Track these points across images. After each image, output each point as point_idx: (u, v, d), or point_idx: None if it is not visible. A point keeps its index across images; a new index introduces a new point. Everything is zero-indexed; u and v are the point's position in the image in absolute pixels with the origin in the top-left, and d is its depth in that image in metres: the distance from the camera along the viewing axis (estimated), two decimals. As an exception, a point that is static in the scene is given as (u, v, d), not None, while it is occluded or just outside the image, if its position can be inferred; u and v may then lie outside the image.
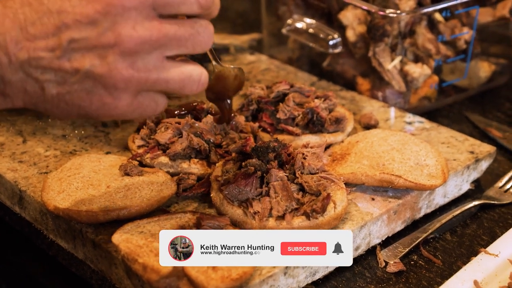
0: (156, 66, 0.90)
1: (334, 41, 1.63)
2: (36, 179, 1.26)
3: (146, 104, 0.92)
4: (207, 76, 0.95)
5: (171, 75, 0.91)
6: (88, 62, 0.86)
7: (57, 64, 0.86)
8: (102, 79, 0.87)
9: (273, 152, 1.16)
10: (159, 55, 0.90)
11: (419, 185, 1.22)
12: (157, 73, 0.90)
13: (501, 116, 1.70)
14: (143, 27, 0.87)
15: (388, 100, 1.60)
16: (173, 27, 0.89)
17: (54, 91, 0.88)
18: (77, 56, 0.86)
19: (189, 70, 0.93)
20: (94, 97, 0.89)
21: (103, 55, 0.86)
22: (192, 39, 0.91)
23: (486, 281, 1.10)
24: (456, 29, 1.62)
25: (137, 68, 0.88)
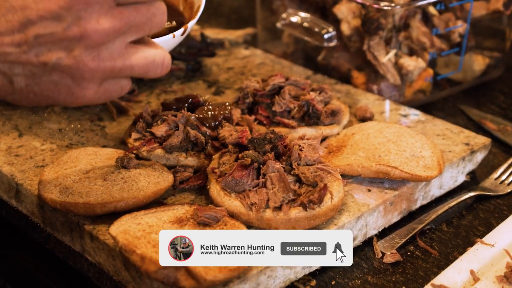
0: (121, 53, 0.92)
1: (329, 34, 1.64)
2: (32, 172, 1.26)
3: (111, 89, 0.95)
4: (170, 58, 0.98)
5: (135, 61, 0.94)
6: (55, 55, 0.88)
7: (24, 58, 0.88)
8: (70, 71, 0.90)
9: (269, 144, 1.17)
10: (122, 42, 0.92)
11: (415, 176, 1.22)
12: (122, 61, 0.92)
13: (495, 109, 1.71)
14: (106, 19, 0.89)
15: (383, 93, 1.60)
16: (131, 14, 0.92)
17: (22, 83, 0.90)
18: (43, 50, 0.88)
19: (152, 54, 0.96)
20: (62, 88, 0.92)
21: (69, 48, 0.88)
22: (149, 22, 0.94)
23: (482, 270, 1.10)
24: (450, 22, 1.63)
25: (103, 58, 0.91)
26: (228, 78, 1.67)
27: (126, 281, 1.09)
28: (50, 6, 0.86)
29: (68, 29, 0.87)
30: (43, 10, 0.86)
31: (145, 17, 0.93)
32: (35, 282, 1.31)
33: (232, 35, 1.90)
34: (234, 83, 1.64)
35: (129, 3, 0.92)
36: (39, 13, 0.86)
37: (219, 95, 1.59)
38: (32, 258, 1.34)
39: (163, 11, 0.96)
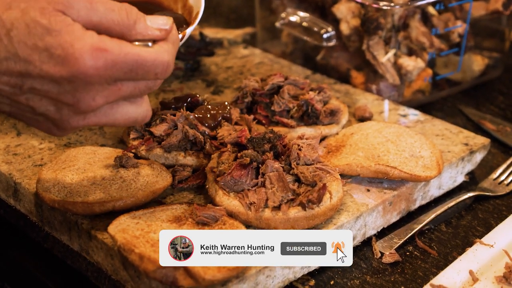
0: (106, 113, 0.94)
1: (328, 34, 1.64)
2: (31, 171, 1.25)
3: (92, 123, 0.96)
4: (150, 115, 1.00)
5: (118, 121, 0.95)
6: (44, 106, 0.90)
7: (15, 98, 0.90)
8: (54, 121, 0.93)
9: (268, 143, 1.16)
10: (110, 106, 0.93)
11: (414, 176, 1.22)
12: (106, 120, 0.94)
13: (494, 109, 1.70)
14: (102, 96, 0.90)
15: (382, 93, 1.60)
16: (129, 89, 0.93)
17: (7, 109, 0.93)
18: (35, 98, 0.90)
19: (135, 115, 0.97)
20: (43, 126, 0.95)
21: (59, 106, 0.90)
22: (143, 93, 0.96)
23: (482, 271, 1.10)
24: (449, 22, 1.63)
25: (88, 119, 0.93)
26: (227, 78, 1.67)
27: (124, 280, 1.09)
28: (53, 72, 0.86)
29: (63, 94, 0.89)
30: (45, 72, 0.86)
31: (141, 91, 0.94)
32: (33, 281, 1.30)
33: (231, 34, 1.90)
34: (233, 83, 1.64)
35: (129, 80, 0.92)
36: (40, 73, 0.86)
37: (218, 95, 1.59)
38: (30, 257, 1.33)
39: (160, 83, 0.97)
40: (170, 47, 0.94)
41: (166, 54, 0.93)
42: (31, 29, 0.85)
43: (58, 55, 0.85)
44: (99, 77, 0.88)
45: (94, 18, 0.88)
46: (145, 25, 0.93)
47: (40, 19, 0.85)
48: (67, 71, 0.86)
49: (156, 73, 0.93)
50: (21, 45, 0.85)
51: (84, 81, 0.87)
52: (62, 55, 0.85)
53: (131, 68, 0.90)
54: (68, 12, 0.87)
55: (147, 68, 0.91)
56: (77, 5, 0.87)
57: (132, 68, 0.90)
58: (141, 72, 0.91)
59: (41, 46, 0.85)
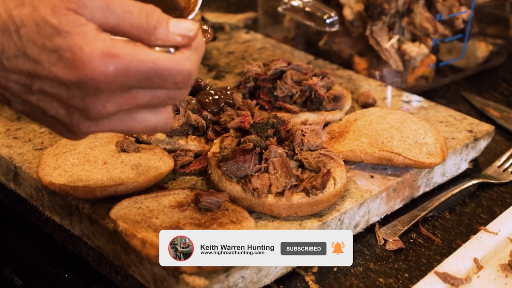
0: (122, 119, 0.88)
1: (331, 19, 1.62)
2: (31, 155, 1.24)
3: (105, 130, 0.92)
4: (172, 123, 0.94)
5: (135, 128, 0.89)
6: (55, 109, 0.85)
7: (25, 97, 0.85)
8: (65, 125, 0.87)
9: (272, 128, 1.15)
10: (127, 113, 0.87)
11: (418, 163, 1.21)
12: (121, 127, 0.88)
13: (498, 96, 1.69)
14: (113, 103, 0.84)
15: (385, 79, 1.59)
16: (146, 97, 0.86)
17: (19, 108, 0.88)
18: (46, 100, 0.85)
19: (154, 122, 0.90)
20: (55, 128, 0.89)
21: (70, 110, 0.85)
22: (164, 103, 0.89)
23: (486, 259, 1.09)
24: (454, 8, 1.61)
25: (101, 126, 0.87)
26: (229, 63, 1.66)
27: (126, 265, 1.08)
28: (61, 75, 0.82)
29: (72, 99, 0.83)
30: (54, 75, 0.82)
31: (160, 100, 0.88)
32: (33, 266, 1.30)
33: (233, 19, 1.88)
34: (234, 68, 1.63)
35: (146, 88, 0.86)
36: (49, 75, 0.82)
37: (219, 79, 1.57)
38: (30, 241, 1.33)
39: (186, 93, 0.90)
40: (193, 55, 0.87)
41: (187, 62, 0.86)
42: (41, 28, 0.81)
43: (67, 58, 0.81)
44: (109, 84, 0.82)
45: (111, 20, 0.83)
46: (167, 31, 0.85)
47: (50, 18, 0.80)
48: (75, 76, 0.81)
49: (175, 82, 0.85)
50: (30, 44, 0.81)
51: (93, 87, 0.82)
52: (70, 58, 0.81)
53: (145, 77, 0.84)
54: (82, 11, 0.81)
55: (164, 77, 0.85)
56: (91, 5, 0.82)
57: (147, 76, 0.84)
58: (157, 81, 0.85)
59: (50, 47, 0.81)
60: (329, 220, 1.11)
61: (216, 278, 0.98)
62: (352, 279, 1.10)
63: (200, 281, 0.98)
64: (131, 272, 1.08)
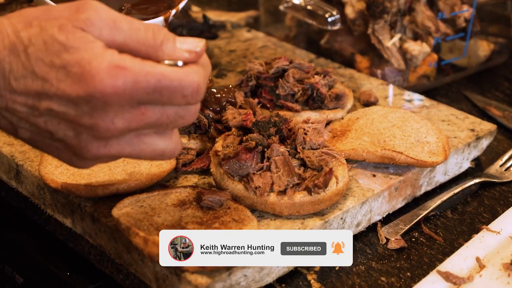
0: (130, 143, 0.87)
1: (332, 18, 1.62)
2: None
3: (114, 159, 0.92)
4: (180, 149, 0.93)
5: (143, 152, 0.89)
6: (62, 131, 0.85)
7: (32, 120, 0.85)
8: (73, 149, 0.86)
9: (274, 127, 1.15)
10: (135, 136, 0.87)
11: (420, 162, 1.21)
12: (130, 150, 0.88)
13: (499, 95, 1.69)
14: (122, 119, 0.84)
15: (387, 78, 1.59)
16: (155, 115, 0.86)
17: (26, 136, 0.87)
18: (53, 122, 0.84)
19: (163, 147, 0.90)
20: (63, 155, 0.89)
21: (78, 130, 0.84)
22: (173, 123, 0.88)
23: (488, 258, 1.09)
24: (455, 6, 1.61)
25: (109, 147, 0.86)
26: (230, 61, 1.66)
27: (128, 263, 1.08)
28: (70, 92, 0.81)
29: (81, 116, 0.83)
30: (62, 92, 0.81)
31: (170, 119, 0.87)
32: (34, 264, 1.29)
33: (234, 17, 1.88)
34: (236, 66, 1.63)
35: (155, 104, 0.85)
36: (57, 92, 0.82)
37: (221, 78, 1.57)
38: (32, 240, 1.33)
39: (195, 112, 0.89)
40: (200, 70, 0.87)
41: (195, 75, 0.85)
42: (48, 46, 0.81)
43: (75, 73, 0.81)
44: (118, 97, 0.82)
45: (118, 38, 0.83)
46: (174, 46, 0.86)
47: (57, 36, 0.81)
48: (84, 90, 0.81)
49: (184, 95, 0.85)
50: (38, 62, 0.81)
51: (102, 101, 0.81)
52: (78, 73, 0.80)
53: (154, 89, 0.83)
54: (89, 29, 0.82)
55: (173, 88, 0.84)
56: (99, 23, 0.82)
57: (156, 88, 0.83)
58: (166, 93, 0.84)
59: (58, 64, 0.81)
60: (331, 218, 1.11)
61: (218, 277, 0.98)
62: (354, 278, 1.10)
63: (202, 279, 0.97)
64: (132, 271, 1.08)
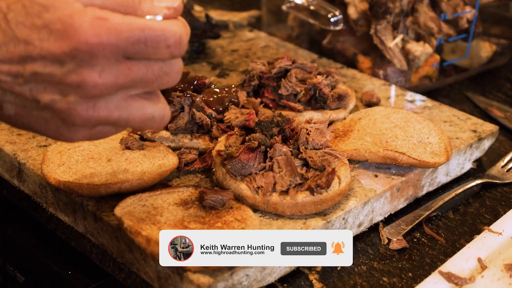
0: (119, 106, 0.87)
1: (335, 18, 1.62)
2: (35, 152, 1.24)
3: (104, 132, 0.91)
4: (170, 115, 0.94)
5: (133, 116, 0.89)
6: (49, 96, 0.84)
7: (18, 90, 0.84)
8: (61, 114, 0.86)
9: (277, 127, 1.15)
10: (123, 95, 0.87)
11: (422, 163, 1.21)
12: (119, 113, 0.88)
13: (501, 96, 1.69)
14: (109, 73, 0.84)
15: (389, 79, 1.59)
16: (141, 71, 0.86)
17: (12, 111, 0.87)
18: (39, 88, 0.84)
19: (152, 111, 0.90)
20: (51, 126, 0.88)
21: (65, 92, 0.84)
22: (159, 80, 0.88)
23: (490, 258, 1.09)
24: (458, 7, 1.61)
25: (98, 109, 0.86)
26: (233, 61, 1.66)
27: (130, 263, 1.08)
28: (54, 49, 0.82)
29: (67, 75, 0.83)
30: (46, 50, 0.82)
31: (155, 75, 0.88)
32: (36, 263, 1.29)
33: (237, 17, 1.88)
34: (238, 66, 1.63)
35: (140, 58, 0.86)
36: (41, 52, 0.82)
37: (223, 78, 1.57)
38: (34, 238, 1.33)
39: (178, 70, 0.90)
40: (180, 23, 0.88)
41: (176, 26, 0.86)
42: (28, 9, 0.81)
43: (58, 29, 0.81)
44: (103, 48, 0.82)
45: (96, 1, 0.84)
46: (152, 4, 0.87)
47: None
48: (68, 45, 0.81)
49: (168, 45, 0.86)
50: (19, 26, 0.81)
51: (87, 54, 0.82)
52: (61, 29, 0.81)
53: (138, 39, 0.84)
54: None
55: (156, 38, 0.85)
56: None
57: (140, 38, 0.84)
58: (150, 43, 0.85)
59: (40, 24, 0.81)
60: (333, 219, 1.11)
61: (220, 276, 0.98)
62: (356, 278, 1.10)
63: (204, 279, 0.97)
64: (135, 270, 1.08)
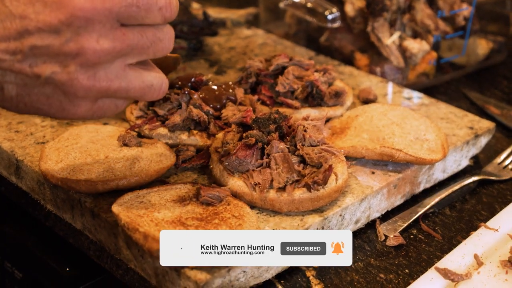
0: (118, 75, 0.90)
1: (332, 15, 1.62)
2: (33, 149, 1.24)
3: (106, 107, 0.92)
4: (168, 83, 0.96)
5: (132, 85, 0.91)
6: (49, 69, 0.86)
7: (18, 67, 0.86)
8: (63, 87, 0.87)
9: (274, 124, 1.15)
10: (121, 63, 0.89)
11: (419, 159, 1.21)
12: (119, 82, 0.90)
13: (498, 93, 1.70)
14: (106, 39, 0.86)
15: (386, 76, 1.59)
16: (135, 36, 0.89)
17: (13, 92, 0.88)
18: (38, 62, 0.86)
19: (151, 79, 0.93)
20: (53, 102, 0.89)
21: (64, 63, 0.86)
22: (154, 46, 0.91)
23: (486, 255, 1.09)
24: (455, 5, 1.62)
25: (98, 78, 0.88)
26: (230, 58, 1.66)
27: (127, 259, 1.08)
28: (50, 20, 0.84)
29: (65, 44, 0.85)
30: (42, 22, 0.84)
31: (149, 41, 0.91)
32: (34, 259, 1.30)
33: (234, 14, 1.89)
34: (236, 63, 1.63)
35: (134, 24, 0.89)
36: (38, 24, 0.84)
37: (221, 75, 1.57)
38: (31, 235, 1.33)
39: (171, 36, 0.93)
40: None
41: None
42: None
43: (52, 0, 0.83)
44: (98, 12, 0.85)
45: None
46: None
47: None
48: (64, 14, 0.83)
49: (159, 7, 0.89)
50: (13, 3, 0.83)
51: (83, 20, 0.84)
52: None
53: (130, 2, 0.87)
54: None
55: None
56: None
57: (132, 1, 0.87)
58: (143, 6, 0.87)
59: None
60: (330, 215, 1.11)
61: (217, 273, 0.98)
62: (352, 274, 1.10)
63: (201, 275, 0.98)
64: (132, 266, 1.08)
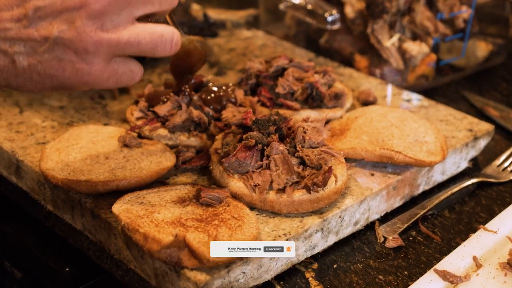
0: (126, 27, 0.89)
1: (332, 17, 1.62)
2: (33, 149, 1.24)
3: (121, 71, 0.92)
4: (179, 36, 0.94)
5: (142, 35, 0.90)
6: (56, 28, 0.85)
7: (25, 34, 0.85)
8: (72, 44, 0.86)
9: (274, 125, 1.16)
10: (128, 15, 0.89)
11: (418, 161, 1.22)
12: (128, 34, 0.89)
13: (497, 95, 1.70)
14: None
15: (385, 78, 1.60)
16: None
17: (25, 62, 0.87)
18: (44, 24, 0.85)
19: (160, 30, 0.92)
20: (66, 65, 0.88)
21: (70, 19, 0.85)
22: None
23: (485, 257, 1.10)
24: (454, 7, 1.62)
25: (107, 30, 0.87)
26: (230, 59, 1.66)
27: (127, 260, 1.09)
28: None
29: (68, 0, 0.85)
30: None
31: None
32: (33, 259, 1.30)
33: (234, 16, 1.89)
34: (236, 64, 1.63)
35: None
36: None
37: (221, 76, 1.58)
38: (31, 235, 1.33)
39: None
40: None
41: None
42: None
43: None
44: None
45: None
46: None
47: None
48: None
49: None
50: None
51: None
52: None
53: None
54: None
55: None
56: None
57: None
58: None
59: None
60: (330, 217, 1.11)
61: (217, 274, 0.99)
62: (352, 276, 1.10)
63: (201, 276, 0.98)
64: (132, 267, 1.08)
